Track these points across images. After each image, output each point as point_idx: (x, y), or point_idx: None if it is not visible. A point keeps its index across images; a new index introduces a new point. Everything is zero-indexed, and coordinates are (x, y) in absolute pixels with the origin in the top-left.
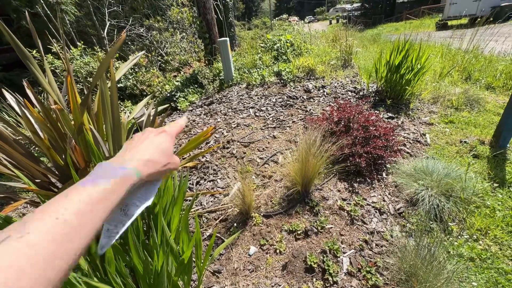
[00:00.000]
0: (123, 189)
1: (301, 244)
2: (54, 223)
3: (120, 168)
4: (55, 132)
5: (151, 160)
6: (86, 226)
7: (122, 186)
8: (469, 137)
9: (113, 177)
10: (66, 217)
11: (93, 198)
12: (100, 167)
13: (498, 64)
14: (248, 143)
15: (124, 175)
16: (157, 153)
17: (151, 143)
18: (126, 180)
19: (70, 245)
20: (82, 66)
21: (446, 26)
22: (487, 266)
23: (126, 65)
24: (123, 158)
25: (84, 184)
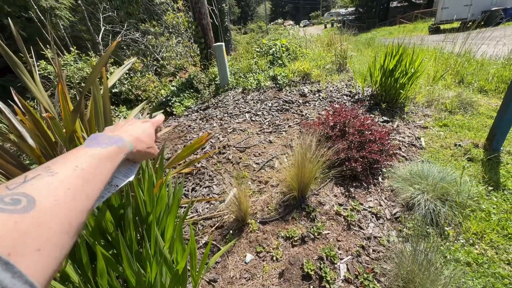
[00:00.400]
0: (121, 156)
1: (298, 250)
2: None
3: (120, 139)
4: (45, 140)
5: (139, 138)
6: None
7: (120, 152)
8: (463, 140)
9: (114, 143)
10: (84, 166)
11: (102, 155)
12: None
13: (490, 67)
14: (244, 148)
15: (122, 144)
16: (144, 135)
17: (138, 126)
18: (123, 148)
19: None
20: (76, 72)
21: (438, 30)
22: (484, 271)
23: (119, 71)
24: (115, 133)
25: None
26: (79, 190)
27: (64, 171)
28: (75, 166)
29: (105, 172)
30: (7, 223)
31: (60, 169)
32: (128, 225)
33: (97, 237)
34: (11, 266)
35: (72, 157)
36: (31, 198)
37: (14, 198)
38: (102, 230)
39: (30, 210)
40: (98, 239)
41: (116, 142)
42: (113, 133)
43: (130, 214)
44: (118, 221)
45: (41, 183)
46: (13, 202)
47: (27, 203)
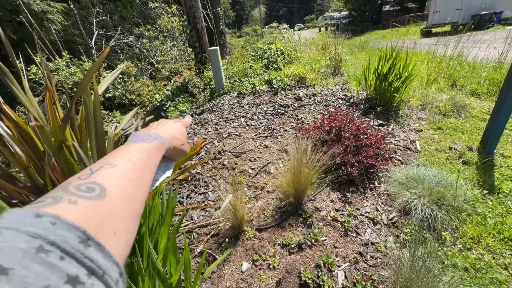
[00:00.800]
0: (162, 151)
1: (295, 258)
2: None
3: (158, 136)
4: (31, 150)
5: (174, 136)
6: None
7: (161, 148)
8: (458, 144)
9: (156, 140)
10: (135, 159)
11: (148, 150)
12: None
13: (481, 70)
14: (240, 154)
15: (162, 141)
16: (179, 133)
17: (172, 125)
18: (163, 145)
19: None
20: (68, 77)
21: (430, 33)
22: (482, 276)
23: (108, 78)
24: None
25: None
26: (137, 180)
27: (122, 163)
28: (129, 160)
29: (152, 165)
30: (88, 208)
31: (118, 162)
32: None
33: None
34: (102, 247)
35: (124, 152)
36: (101, 186)
37: (88, 186)
38: None
39: (104, 197)
40: None
41: (157, 138)
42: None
43: None
44: None
45: (106, 174)
46: (88, 190)
47: (100, 191)
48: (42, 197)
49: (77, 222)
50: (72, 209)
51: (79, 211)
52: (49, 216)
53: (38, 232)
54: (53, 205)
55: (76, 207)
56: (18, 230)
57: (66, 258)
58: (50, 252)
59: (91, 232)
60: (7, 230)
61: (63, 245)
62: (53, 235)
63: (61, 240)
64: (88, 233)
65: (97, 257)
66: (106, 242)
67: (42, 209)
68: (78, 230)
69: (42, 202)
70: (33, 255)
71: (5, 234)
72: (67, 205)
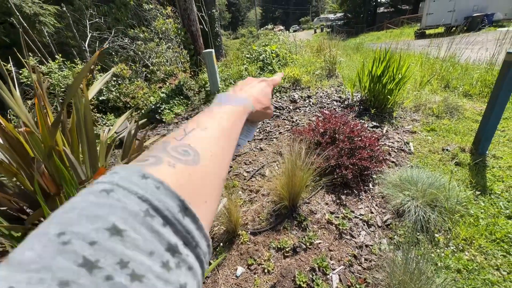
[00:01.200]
0: (245, 115)
1: (289, 262)
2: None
3: (244, 99)
4: (19, 156)
5: (258, 98)
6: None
7: (245, 112)
8: (451, 145)
9: (241, 103)
10: (224, 123)
11: (234, 113)
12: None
13: (473, 72)
14: (234, 156)
15: (247, 104)
16: (262, 95)
17: (255, 85)
18: (247, 108)
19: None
20: (61, 80)
21: (424, 35)
22: (474, 278)
23: (100, 81)
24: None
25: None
26: (225, 146)
27: (212, 127)
28: (218, 124)
29: (237, 129)
30: (184, 174)
31: (209, 125)
32: None
33: None
34: (196, 218)
35: (213, 114)
36: (195, 151)
37: (184, 149)
38: None
39: (198, 163)
40: None
41: (242, 102)
42: (235, 94)
43: None
44: None
45: (199, 137)
46: (184, 153)
47: (194, 156)
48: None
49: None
50: (171, 173)
51: (177, 176)
52: (154, 179)
53: (145, 196)
54: (156, 165)
55: (175, 172)
56: (129, 191)
57: (167, 226)
58: (155, 217)
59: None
60: (119, 188)
61: (165, 212)
62: (157, 201)
63: (163, 207)
64: (186, 203)
65: (191, 228)
66: (198, 211)
67: (146, 169)
68: (178, 199)
69: (145, 161)
70: (142, 218)
71: (118, 193)
72: (167, 168)
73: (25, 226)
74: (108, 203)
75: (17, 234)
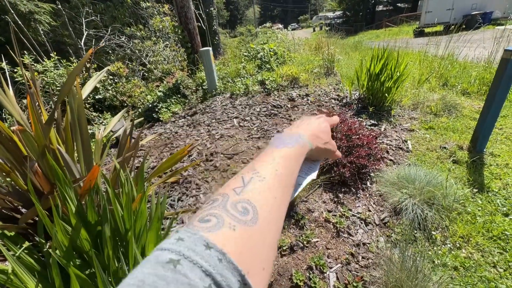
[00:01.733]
0: (303, 154)
1: (286, 260)
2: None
3: (299, 137)
4: (12, 155)
5: (315, 134)
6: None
7: (303, 151)
8: (448, 143)
9: (297, 143)
10: (280, 169)
11: (291, 155)
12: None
13: (472, 70)
14: (232, 155)
15: (303, 143)
16: (319, 131)
17: (313, 122)
18: (305, 148)
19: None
20: (56, 79)
21: (423, 33)
22: (471, 275)
23: (94, 79)
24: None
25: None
26: (282, 197)
27: (269, 175)
28: (276, 171)
29: (295, 172)
30: (244, 238)
31: (266, 174)
32: (105, 244)
33: (71, 257)
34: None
35: (270, 159)
36: (254, 207)
37: (243, 206)
38: (77, 249)
39: (256, 222)
40: (73, 259)
41: (298, 141)
42: (292, 131)
43: (107, 231)
44: (96, 239)
45: (257, 190)
46: (244, 212)
47: (253, 214)
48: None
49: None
50: (232, 238)
51: (237, 241)
52: (217, 250)
53: (209, 270)
54: (217, 229)
55: (235, 236)
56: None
57: None
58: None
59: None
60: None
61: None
62: (220, 276)
63: (225, 284)
64: (246, 279)
65: None
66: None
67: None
68: (239, 274)
69: (208, 222)
70: None
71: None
72: (228, 232)
73: (18, 225)
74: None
75: (10, 233)
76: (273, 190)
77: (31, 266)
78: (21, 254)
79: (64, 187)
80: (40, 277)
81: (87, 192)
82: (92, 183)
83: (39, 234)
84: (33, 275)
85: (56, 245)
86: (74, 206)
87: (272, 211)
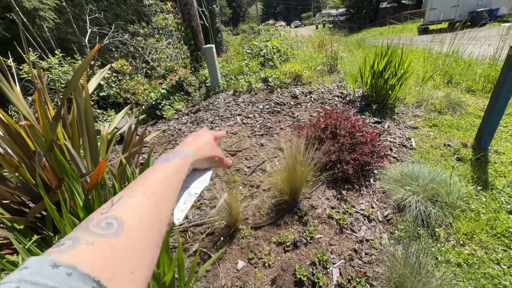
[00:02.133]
0: (187, 165)
1: (290, 256)
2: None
3: (180, 151)
4: (21, 150)
5: (199, 147)
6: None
7: (185, 163)
8: (453, 140)
9: (179, 157)
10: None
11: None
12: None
13: (477, 67)
14: (235, 152)
15: (185, 155)
16: (203, 142)
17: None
18: (187, 158)
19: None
20: (61, 76)
21: (427, 31)
22: (474, 272)
23: (98, 75)
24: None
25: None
26: (156, 210)
27: (141, 191)
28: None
29: (174, 183)
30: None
31: (137, 190)
32: None
33: None
34: None
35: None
36: (120, 220)
37: (107, 222)
38: None
39: (121, 232)
40: None
41: (178, 155)
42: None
43: None
44: None
45: (126, 205)
46: (107, 226)
47: (118, 226)
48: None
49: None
50: (88, 252)
51: (95, 254)
52: (65, 266)
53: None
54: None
55: (93, 249)
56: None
57: None
58: None
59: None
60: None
61: None
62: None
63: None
64: (102, 283)
65: None
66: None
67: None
68: (93, 280)
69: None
70: None
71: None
72: (85, 247)
73: (27, 219)
74: None
75: (20, 227)
76: (144, 203)
77: None
78: (31, 246)
79: (72, 181)
80: None
81: (94, 187)
82: (99, 177)
83: (47, 228)
84: None
85: None
86: (82, 200)
87: (143, 219)
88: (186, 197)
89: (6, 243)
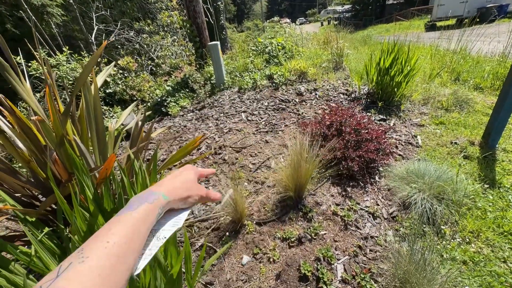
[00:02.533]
0: (155, 211)
1: (294, 251)
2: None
3: (150, 194)
4: (32, 144)
5: (175, 187)
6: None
7: (154, 208)
8: (459, 138)
9: (148, 201)
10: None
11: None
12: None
13: (485, 64)
14: (240, 149)
15: (154, 199)
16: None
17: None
18: (156, 203)
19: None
20: (68, 73)
21: (434, 27)
22: (480, 269)
23: (104, 72)
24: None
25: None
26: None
27: (95, 252)
28: (107, 242)
29: (140, 235)
30: None
31: (91, 251)
32: None
33: None
34: None
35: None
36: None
37: None
38: None
39: None
40: None
41: (147, 199)
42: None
43: None
44: None
45: (72, 275)
46: None
47: None
48: None
49: None
50: None
51: None
52: None
53: None
54: None
55: None
56: None
57: None
58: None
59: None
60: None
61: None
62: None
63: None
64: None
65: None
66: None
67: None
68: None
69: None
70: None
71: None
72: None
73: (39, 211)
74: None
75: (32, 219)
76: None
77: (52, 250)
78: (43, 238)
79: (82, 176)
80: (61, 261)
81: (103, 181)
82: (108, 171)
83: (58, 220)
84: (54, 259)
85: (75, 231)
86: (91, 194)
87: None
88: (154, 242)
89: (18, 235)
